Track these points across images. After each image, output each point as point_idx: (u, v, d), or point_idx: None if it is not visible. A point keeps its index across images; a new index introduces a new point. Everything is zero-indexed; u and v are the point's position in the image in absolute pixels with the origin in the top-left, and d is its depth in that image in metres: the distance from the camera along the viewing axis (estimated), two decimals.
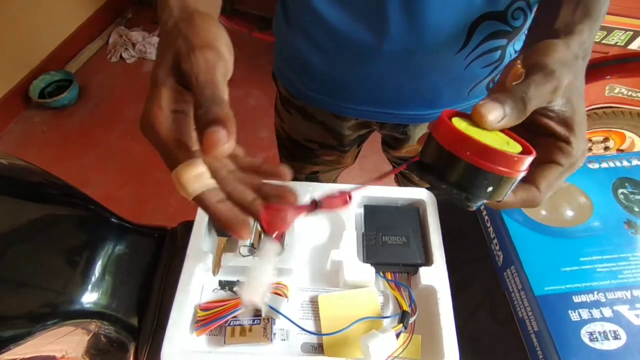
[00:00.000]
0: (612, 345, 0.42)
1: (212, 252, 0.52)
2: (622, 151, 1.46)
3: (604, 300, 0.44)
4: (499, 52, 0.55)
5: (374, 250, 0.52)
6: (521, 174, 0.27)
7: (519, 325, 0.48)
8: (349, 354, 0.46)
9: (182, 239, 0.57)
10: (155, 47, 2.10)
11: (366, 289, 0.50)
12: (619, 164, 0.55)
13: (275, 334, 0.47)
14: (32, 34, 1.86)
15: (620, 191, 0.53)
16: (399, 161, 0.83)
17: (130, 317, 0.51)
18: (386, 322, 0.49)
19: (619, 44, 1.17)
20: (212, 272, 0.52)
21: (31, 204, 0.47)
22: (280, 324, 0.48)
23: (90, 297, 0.47)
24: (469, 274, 0.54)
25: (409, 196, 0.56)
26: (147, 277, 0.54)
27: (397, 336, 0.45)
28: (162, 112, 0.28)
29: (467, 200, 0.28)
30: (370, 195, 0.57)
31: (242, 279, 0.51)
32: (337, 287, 0.52)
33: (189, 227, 0.52)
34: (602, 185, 0.53)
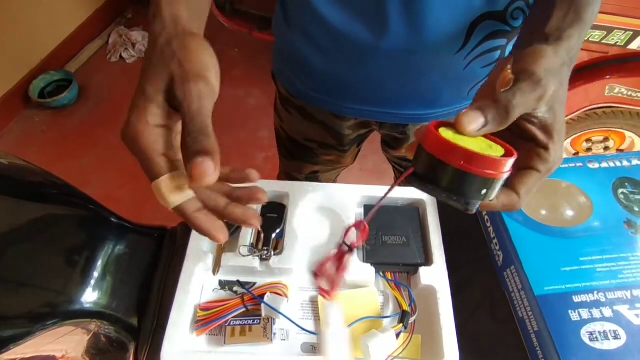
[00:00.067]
0: (612, 345, 0.42)
1: (212, 252, 0.52)
2: (622, 151, 1.46)
3: (604, 300, 0.44)
4: (499, 52, 0.55)
5: (374, 250, 0.52)
6: (506, 175, 0.29)
7: (519, 325, 0.48)
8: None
9: (182, 239, 0.57)
10: None
11: (366, 289, 0.50)
12: (619, 164, 0.55)
13: (275, 334, 0.47)
14: (32, 33, 1.86)
15: (620, 191, 0.53)
16: (399, 161, 0.83)
17: (130, 317, 0.51)
18: (386, 322, 0.49)
19: (619, 44, 1.16)
20: (212, 272, 0.52)
21: (31, 203, 0.47)
22: (280, 323, 0.48)
23: (90, 297, 0.47)
24: (469, 274, 0.54)
25: (409, 196, 0.56)
26: (147, 277, 0.54)
27: (397, 336, 0.45)
28: (148, 127, 0.30)
29: (466, 204, 0.30)
30: (370, 195, 0.57)
31: (243, 279, 0.51)
32: None
33: (189, 227, 0.52)
34: (602, 185, 0.53)
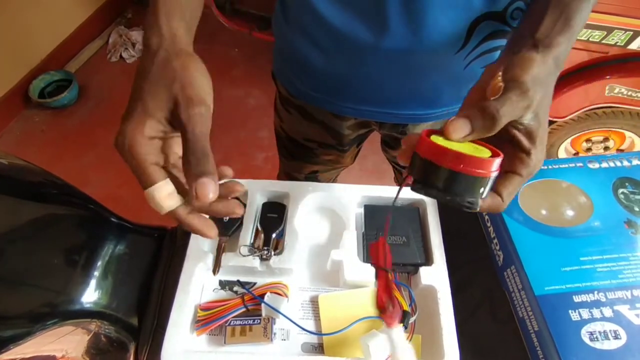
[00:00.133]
0: (612, 345, 0.42)
1: (212, 252, 0.52)
2: (622, 151, 1.46)
3: (604, 300, 0.44)
4: (499, 52, 0.55)
5: None
6: (495, 173, 0.32)
7: (519, 325, 0.48)
8: (349, 354, 0.46)
9: (182, 239, 0.57)
10: None
11: (366, 289, 0.50)
12: (619, 164, 0.55)
13: (275, 334, 0.47)
14: (32, 33, 1.86)
15: (620, 191, 0.53)
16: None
17: (130, 317, 0.51)
18: None
19: (619, 44, 1.16)
20: (212, 272, 0.52)
21: (31, 203, 0.47)
22: (280, 323, 0.48)
23: (90, 296, 0.46)
24: (469, 273, 0.54)
25: (409, 196, 0.56)
26: (147, 277, 0.54)
27: None
28: (144, 139, 0.32)
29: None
30: (370, 195, 0.57)
31: (243, 279, 0.51)
32: (337, 286, 0.52)
33: None
34: (602, 185, 0.53)
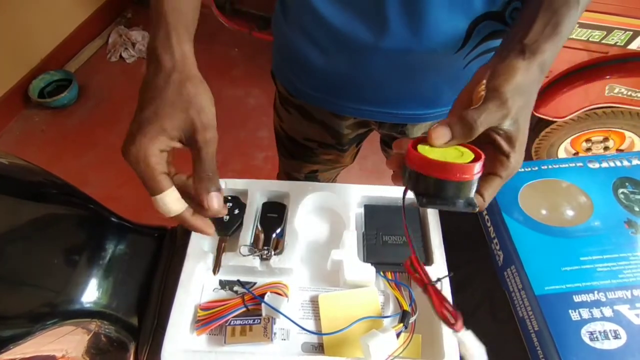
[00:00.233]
0: (612, 344, 0.42)
1: (212, 252, 0.52)
2: (622, 151, 1.46)
3: (604, 299, 0.44)
4: None
5: (374, 249, 0.52)
6: (478, 175, 0.34)
7: (519, 324, 0.48)
8: (350, 354, 0.46)
9: (182, 239, 0.57)
10: None
11: (366, 289, 0.50)
12: (619, 164, 0.55)
13: (275, 334, 0.47)
14: (32, 33, 1.86)
15: (620, 191, 0.53)
16: None
17: (130, 317, 0.51)
18: (386, 321, 0.49)
19: (618, 44, 1.16)
20: (213, 272, 0.52)
21: (31, 203, 0.47)
22: (280, 323, 0.48)
23: (90, 296, 0.46)
24: (469, 273, 0.54)
25: (409, 196, 0.56)
26: (147, 277, 0.54)
27: (398, 336, 0.45)
28: (156, 151, 0.35)
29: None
30: (370, 195, 0.57)
31: (243, 279, 0.51)
32: (337, 286, 0.52)
33: None
34: (603, 185, 0.53)
